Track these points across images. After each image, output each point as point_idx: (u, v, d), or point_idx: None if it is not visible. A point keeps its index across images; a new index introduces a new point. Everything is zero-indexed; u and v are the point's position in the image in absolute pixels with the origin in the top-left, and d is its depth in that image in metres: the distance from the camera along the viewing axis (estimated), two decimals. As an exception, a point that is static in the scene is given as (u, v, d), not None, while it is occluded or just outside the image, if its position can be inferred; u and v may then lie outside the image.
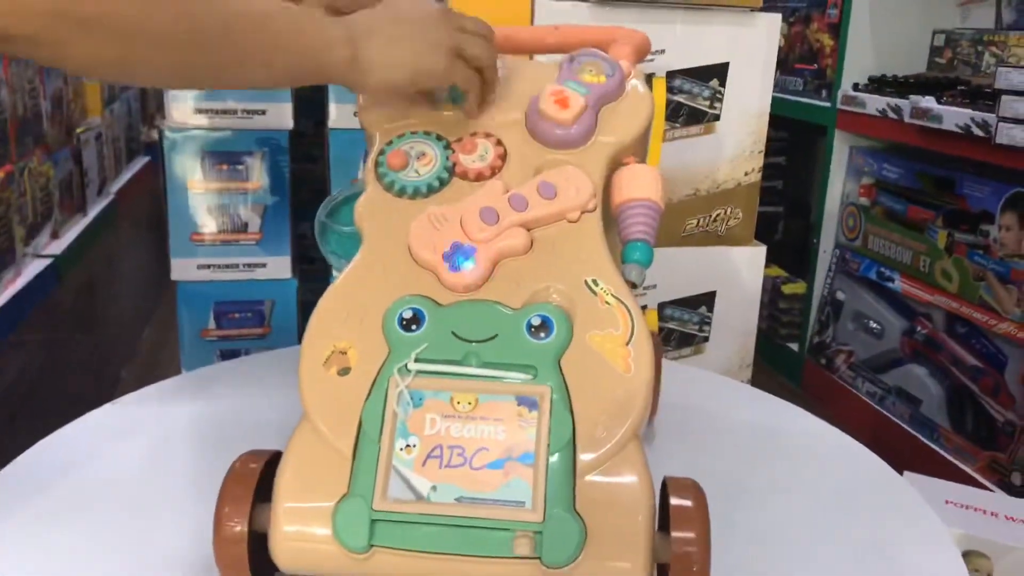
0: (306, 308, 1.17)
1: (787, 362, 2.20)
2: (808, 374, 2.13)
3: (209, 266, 1.05)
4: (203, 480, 0.65)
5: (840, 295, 2.05)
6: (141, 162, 4.50)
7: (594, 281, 0.55)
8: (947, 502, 1.15)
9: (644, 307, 1.15)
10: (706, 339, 1.19)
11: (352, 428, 0.51)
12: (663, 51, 1.07)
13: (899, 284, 1.85)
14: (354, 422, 0.51)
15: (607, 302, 0.54)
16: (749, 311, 1.20)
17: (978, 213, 1.67)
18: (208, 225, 1.04)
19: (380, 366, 0.52)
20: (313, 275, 1.19)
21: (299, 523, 0.50)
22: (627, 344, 0.53)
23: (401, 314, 0.53)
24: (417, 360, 0.52)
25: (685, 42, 1.09)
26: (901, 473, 1.11)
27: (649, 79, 1.08)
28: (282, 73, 0.58)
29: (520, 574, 0.49)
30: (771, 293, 2.30)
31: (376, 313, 0.54)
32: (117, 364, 2.27)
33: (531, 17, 1.00)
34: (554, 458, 0.50)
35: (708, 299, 1.18)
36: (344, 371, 0.53)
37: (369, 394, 0.52)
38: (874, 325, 1.94)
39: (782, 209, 2.44)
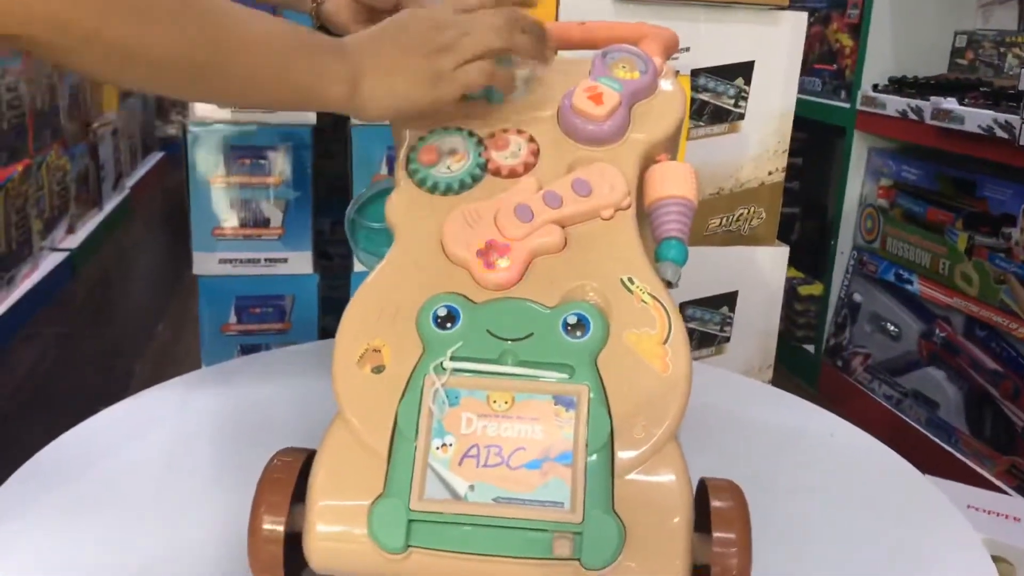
0: (325, 304, 1.17)
1: (803, 364, 2.19)
2: (824, 376, 2.12)
3: (231, 261, 1.05)
4: (227, 475, 0.66)
5: (857, 297, 2.04)
6: (156, 157, 4.52)
7: (630, 279, 0.54)
8: (969, 507, 1.14)
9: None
10: (727, 339, 1.18)
11: (387, 427, 0.50)
12: (688, 49, 1.07)
13: (917, 286, 1.84)
14: (389, 421, 0.50)
15: (643, 301, 0.53)
16: (771, 312, 1.19)
17: (999, 216, 1.66)
18: (230, 220, 1.04)
19: (415, 364, 0.52)
20: (331, 272, 1.19)
21: (334, 523, 0.49)
22: (664, 343, 0.52)
23: (435, 312, 0.53)
24: (452, 358, 0.51)
25: (710, 40, 1.08)
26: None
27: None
28: (281, 103, 0.58)
29: (561, 574, 0.48)
30: (787, 294, 2.28)
31: (410, 311, 0.53)
32: (130, 358, 2.28)
33: (556, 13, 0.99)
34: (592, 458, 0.49)
35: (730, 299, 1.17)
36: (378, 369, 0.52)
37: (404, 392, 0.51)
38: (892, 327, 1.93)
39: (799, 210, 2.43)
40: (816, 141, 2.36)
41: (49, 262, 2.78)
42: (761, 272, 1.16)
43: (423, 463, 0.49)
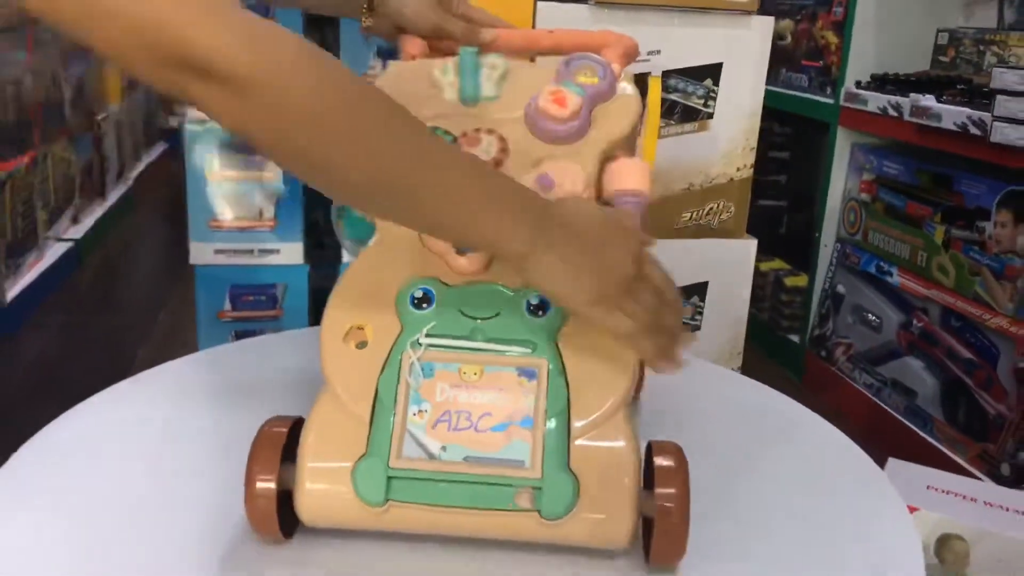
0: (316, 294, 1.22)
1: (788, 354, 2.24)
2: (809, 366, 2.17)
3: (226, 251, 1.10)
4: (223, 445, 0.69)
5: (840, 288, 2.09)
6: (159, 149, 4.57)
7: None
8: (928, 487, 1.19)
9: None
10: (698, 328, 1.24)
11: (369, 396, 0.56)
12: (659, 51, 1.12)
13: (897, 278, 1.89)
14: (371, 391, 0.56)
15: None
16: (740, 301, 1.24)
17: (974, 210, 1.70)
18: (225, 212, 1.09)
19: (394, 341, 0.58)
20: (325, 260, 1.24)
21: (322, 481, 0.55)
22: None
23: (412, 294, 0.59)
24: (428, 335, 0.58)
25: (680, 43, 1.13)
26: (885, 459, 1.16)
27: (645, 78, 1.13)
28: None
29: (521, 525, 0.55)
30: (773, 286, 2.34)
31: (389, 293, 0.59)
32: (133, 345, 2.34)
33: (533, 19, 1.04)
34: (551, 423, 0.55)
35: (701, 289, 1.22)
36: (361, 345, 0.58)
37: (384, 365, 0.57)
38: (873, 318, 1.98)
39: (785, 204, 2.48)
40: (802, 136, 2.41)
41: (54, 252, 2.84)
42: (730, 264, 1.22)
43: (401, 427, 0.55)
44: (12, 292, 2.45)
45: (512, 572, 0.57)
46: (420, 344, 0.57)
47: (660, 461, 0.56)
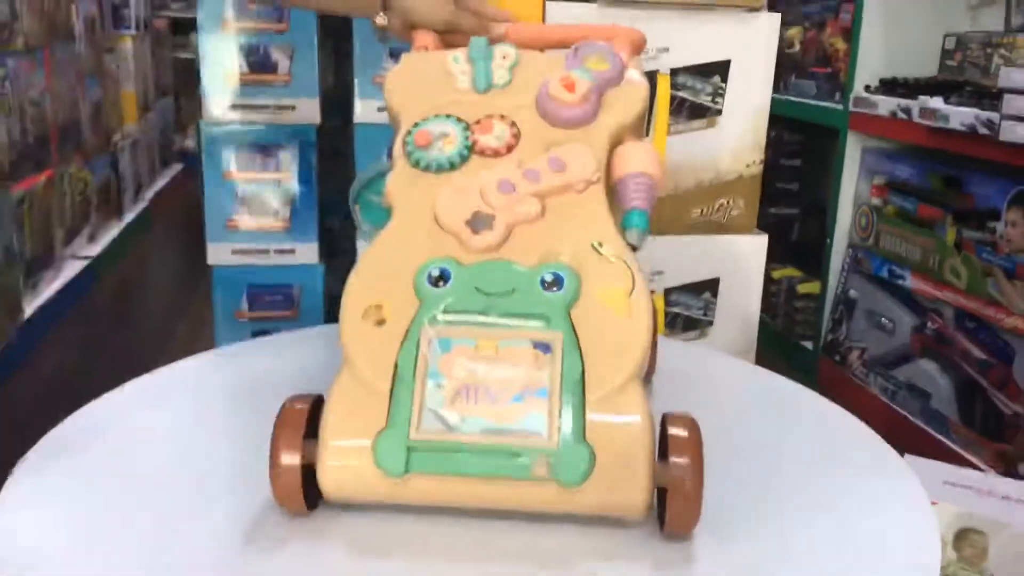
0: (334, 300, 1.23)
1: (802, 360, 2.24)
2: (823, 371, 2.17)
3: (242, 251, 1.12)
4: (242, 430, 0.70)
5: (853, 293, 2.09)
6: (175, 169, 4.61)
7: (599, 243, 0.62)
8: (945, 482, 1.19)
9: (652, 292, 1.20)
10: (710, 323, 1.24)
11: (389, 371, 0.58)
12: (667, 49, 1.13)
13: (910, 281, 1.89)
14: (390, 366, 0.58)
15: (611, 261, 0.61)
16: (751, 297, 1.25)
17: (985, 210, 1.71)
18: (242, 213, 1.11)
19: (412, 318, 0.59)
20: (339, 267, 1.25)
21: (343, 454, 0.57)
22: (628, 296, 0.60)
23: (430, 272, 0.60)
24: (445, 311, 0.59)
25: (688, 41, 1.15)
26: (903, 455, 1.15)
27: (654, 76, 1.14)
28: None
29: (538, 495, 0.56)
30: (787, 292, 2.34)
31: (407, 272, 0.61)
32: (151, 358, 2.35)
33: (543, 18, 1.06)
34: (566, 394, 0.57)
35: (712, 285, 1.23)
36: (380, 323, 0.60)
37: (403, 342, 0.58)
38: (886, 322, 1.98)
39: (797, 211, 2.49)
40: (813, 143, 2.42)
41: (71, 269, 2.87)
42: (741, 259, 1.22)
43: (420, 401, 0.57)
44: (30, 309, 2.48)
45: (528, 543, 0.58)
46: (438, 320, 0.59)
47: (674, 431, 0.58)
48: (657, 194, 0.66)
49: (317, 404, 0.59)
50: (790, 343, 2.29)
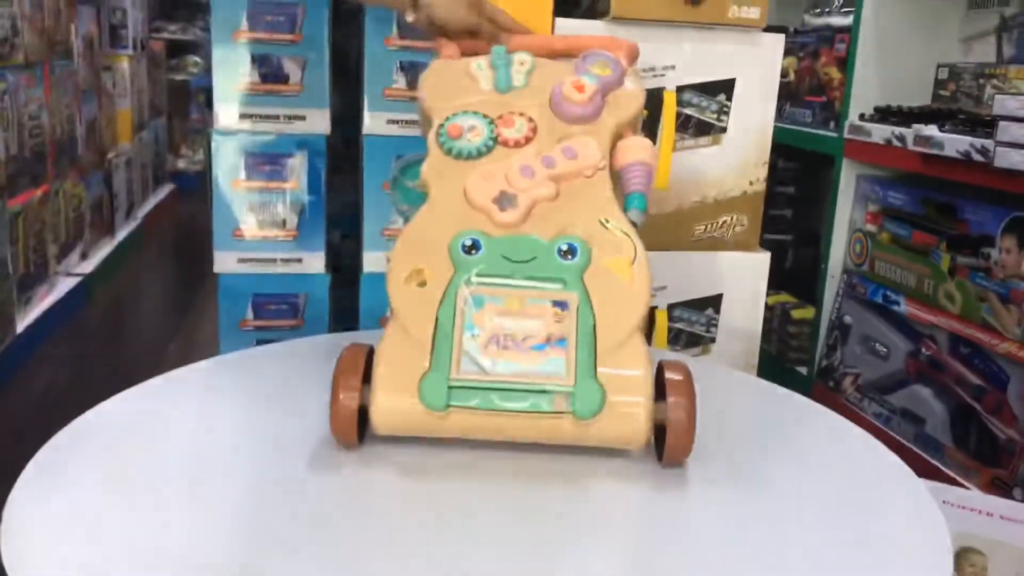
0: (337, 315, 1.23)
1: (796, 386, 2.23)
2: (817, 396, 2.16)
3: (249, 260, 1.13)
4: (262, 421, 0.76)
5: (848, 319, 2.10)
6: (167, 189, 4.62)
7: (606, 220, 0.73)
8: (945, 502, 1.19)
9: (655, 307, 1.22)
10: (713, 340, 1.25)
11: (430, 325, 0.68)
12: (673, 67, 1.15)
13: (904, 307, 1.90)
14: (431, 320, 0.68)
15: (616, 235, 0.72)
16: (754, 313, 1.26)
17: (979, 237, 1.72)
18: (249, 221, 1.12)
19: (449, 280, 0.69)
20: (342, 282, 1.25)
21: (394, 393, 0.66)
22: (631, 264, 0.71)
23: (463, 242, 0.70)
24: (477, 275, 0.69)
25: (694, 59, 1.17)
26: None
27: (660, 93, 1.17)
28: None
29: (558, 425, 0.66)
30: (781, 318, 2.35)
31: (443, 242, 0.71)
32: (143, 375, 2.34)
33: (552, 31, 1.08)
34: (581, 343, 0.67)
35: (715, 301, 1.24)
36: (422, 284, 0.70)
37: (442, 300, 0.69)
38: (881, 347, 1.99)
39: (792, 237, 2.50)
40: (808, 170, 2.45)
41: (64, 286, 2.86)
42: (744, 276, 1.24)
43: (459, 348, 0.67)
44: (22, 324, 2.47)
45: (548, 468, 0.68)
46: (472, 282, 0.69)
47: (670, 375, 0.69)
48: (652, 180, 0.77)
49: (371, 354, 0.69)
50: (784, 368, 2.30)
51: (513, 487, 0.67)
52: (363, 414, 0.68)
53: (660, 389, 0.68)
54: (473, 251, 0.70)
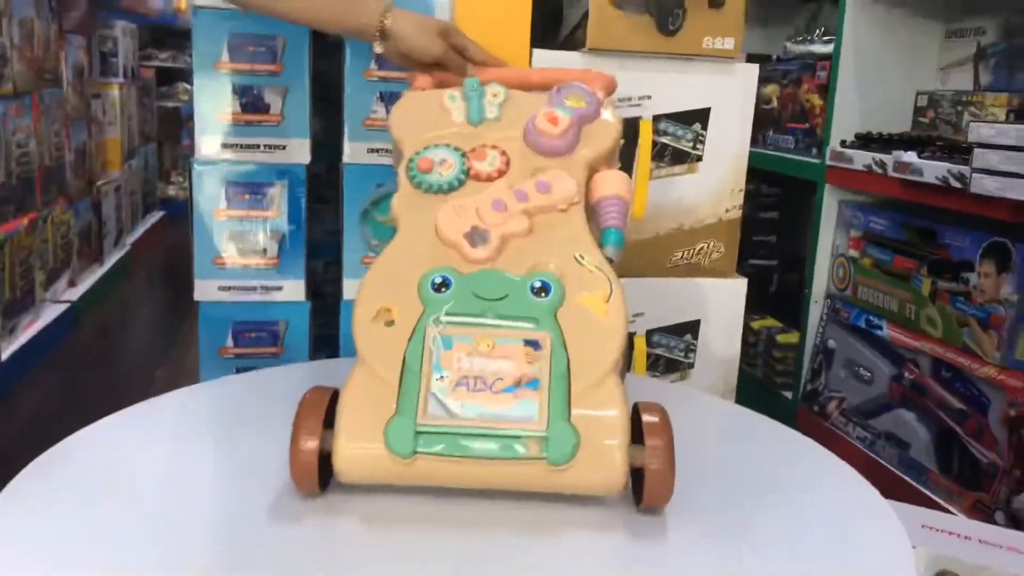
0: (318, 342, 1.24)
1: (781, 410, 2.25)
2: (801, 421, 2.18)
3: (229, 288, 1.13)
4: (232, 452, 0.76)
5: (832, 344, 2.11)
6: (156, 216, 4.62)
7: (580, 255, 0.71)
8: (924, 526, 1.20)
9: (633, 333, 1.23)
10: (691, 365, 1.26)
11: (397, 365, 0.65)
12: (650, 96, 1.17)
13: (887, 332, 1.91)
14: (399, 361, 0.66)
15: (591, 271, 0.70)
16: (731, 339, 1.27)
17: (959, 261, 1.74)
18: (230, 250, 1.12)
19: (418, 319, 0.67)
20: (323, 309, 1.26)
21: (358, 438, 0.64)
22: (607, 302, 0.68)
23: (433, 280, 0.68)
24: (447, 314, 0.67)
25: (670, 89, 1.19)
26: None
27: (637, 122, 1.18)
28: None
29: (531, 472, 0.63)
30: (765, 343, 2.36)
31: (412, 280, 0.69)
32: (130, 403, 2.34)
33: (529, 64, 1.10)
34: (554, 385, 0.65)
35: (693, 327, 1.25)
36: (389, 323, 0.68)
37: (410, 340, 0.66)
38: (864, 372, 2.00)
39: (776, 262, 2.52)
40: (791, 196, 2.47)
41: (50, 313, 2.85)
42: (721, 302, 1.25)
43: (426, 390, 0.64)
44: (8, 351, 2.46)
45: (519, 516, 0.66)
46: (441, 321, 0.67)
47: (647, 418, 0.66)
48: (627, 215, 0.75)
49: (335, 396, 0.66)
50: (769, 393, 2.31)
51: (483, 538, 0.64)
52: (326, 460, 0.65)
53: (636, 431, 0.66)
54: (443, 288, 0.68)
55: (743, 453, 0.83)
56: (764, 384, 2.35)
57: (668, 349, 1.26)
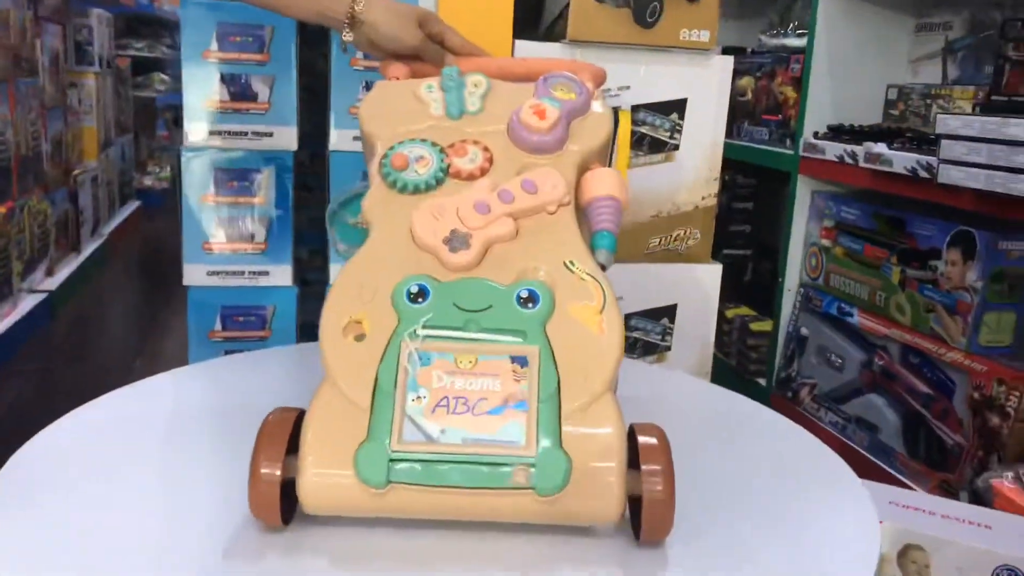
0: (304, 329, 1.26)
1: (755, 396, 2.27)
2: (775, 407, 2.21)
3: (218, 272, 1.15)
4: (221, 446, 0.72)
5: (804, 331, 2.16)
6: (133, 206, 4.60)
7: (571, 262, 0.65)
8: (890, 502, 1.24)
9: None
10: (668, 348, 1.30)
11: (369, 385, 0.58)
12: (628, 87, 1.20)
13: (858, 319, 1.96)
14: (370, 380, 0.59)
15: (583, 279, 0.64)
16: (707, 322, 1.31)
17: (927, 250, 1.79)
18: (218, 235, 1.14)
19: (391, 333, 0.60)
20: (310, 296, 1.28)
21: (325, 467, 0.57)
22: (600, 312, 0.62)
23: (408, 289, 0.62)
24: (424, 326, 0.60)
25: (648, 80, 1.22)
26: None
27: (616, 112, 1.21)
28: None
29: (517, 504, 0.57)
30: (740, 331, 2.41)
31: (386, 289, 0.62)
32: (109, 391, 2.34)
33: (512, 54, 1.13)
34: (543, 405, 0.58)
35: (670, 311, 1.29)
36: (360, 337, 0.61)
37: (383, 356, 0.59)
38: (836, 358, 2.05)
39: (750, 252, 2.57)
40: (765, 187, 2.51)
41: (28, 302, 2.85)
42: (697, 287, 1.29)
43: (401, 412, 0.58)
44: (-14, 340, 2.46)
45: (507, 552, 0.59)
46: (417, 335, 0.60)
47: (644, 440, 0.60)
48: (621, 217, 0.69)
49: (300, 418, 0.60)
50: (743, 380, 2.36)
51: None
52: (289, 489, 0.58)
53: (632, 452, 0.59)
54: (420, 299, 0.61)
55: (724, 432, 0.85)
56: (738, 371, 2.39)
57: (645, 332, 1.29)
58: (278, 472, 0.57)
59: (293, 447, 0.58)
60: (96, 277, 3.53)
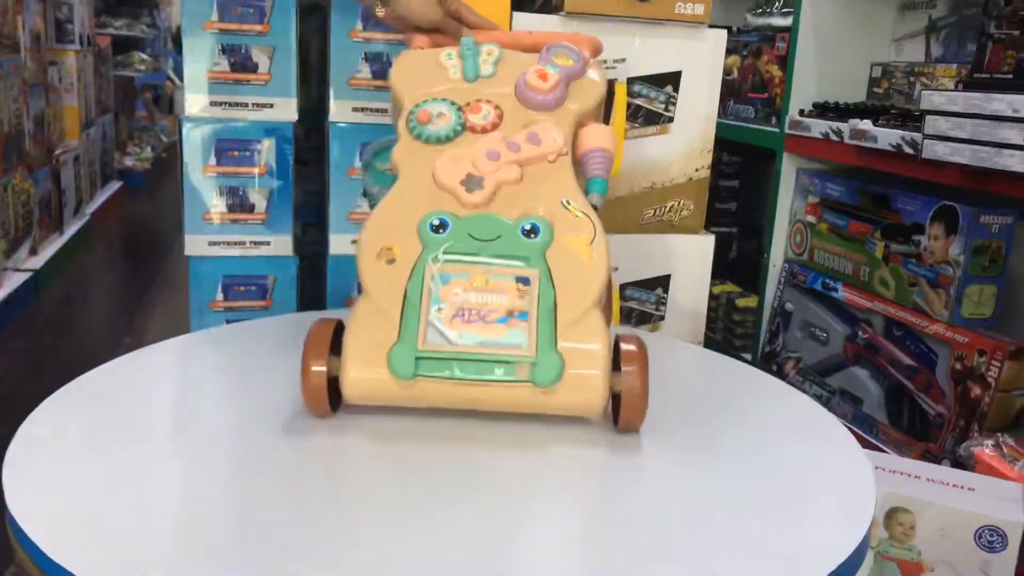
0: (300, 301, 1.27)
1: (741, 370, 2.33)
2: (760, 381, 2.26)
3: (219, 243, 1.16)
4: (234, 391, 0.80)
5: (789, 306, 2.20)
6: (115, 187, 4.57)
7: (567, 201, 0.76)
8: (876, 467, 1.28)
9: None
10: (662, 318, 1.32)
11: (399, 299, 0.71)
12: (624, 60, 1.22)
13: (842, 293, 2.00)
14: (400, 295, 0.71)
15: (577, 216, 0.75)
16: (700, 293, 1.33)
17: (911, 225, 1.83)
18: (219, 205, 1.15)
19: (417, 258, 0.72)
20: (305, 270, 1.29)
21: (363, 364, 0.70)
22: (591, 244, 0.74)
23: (431, 222, 0.73)
24: (444, 252, 0.72)
25: (643, 52, 1.24)
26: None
27: (612, 84, 1.23)
28: None
29: (520, 394, 0.70)
30: (725, 307, 2.44)
31: (412, 222, 0.74)
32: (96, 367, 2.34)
33: (509, 26, 1.14)
34: (542, 316, 0.70)
35: (663, 281, 1.31)
36: (391, 261, 0.73)
37: (410, 276, 0.72)
38: (820, 332, 2.08)
39: (736, 229, 2.60)
40: (751, 164, 2.54)
41: (13, 281, 2.83)
42: (691, 258, 1.31)
43: (425, 321, 0.70)
44: (-28, 319, 2.45)
45: (510, 434, 0.72)
46: (439, 259, 0.72)
47: (625, 347, 0.72)
48: (611, 166, 0.80)
49: (340, 327, 0.72)
50: (730, 355, 2.39)
51: (477, 450, 0.70)
52: (333, 384, 0.71)
53: (617, 360, 0.72)
54: (441, 230, 0.73)
55: (712, 387, 0.90)
56: (724, 347, 2.43)
57: (640, 302, 1.32)
58: (324, 368, 0.70)
59: (335, 349, 0.71)
60: (80, 256, 3.51)
